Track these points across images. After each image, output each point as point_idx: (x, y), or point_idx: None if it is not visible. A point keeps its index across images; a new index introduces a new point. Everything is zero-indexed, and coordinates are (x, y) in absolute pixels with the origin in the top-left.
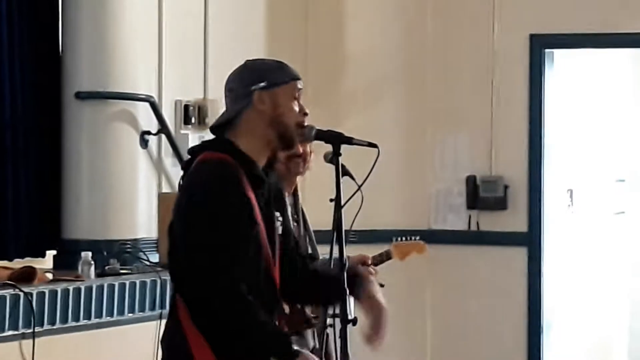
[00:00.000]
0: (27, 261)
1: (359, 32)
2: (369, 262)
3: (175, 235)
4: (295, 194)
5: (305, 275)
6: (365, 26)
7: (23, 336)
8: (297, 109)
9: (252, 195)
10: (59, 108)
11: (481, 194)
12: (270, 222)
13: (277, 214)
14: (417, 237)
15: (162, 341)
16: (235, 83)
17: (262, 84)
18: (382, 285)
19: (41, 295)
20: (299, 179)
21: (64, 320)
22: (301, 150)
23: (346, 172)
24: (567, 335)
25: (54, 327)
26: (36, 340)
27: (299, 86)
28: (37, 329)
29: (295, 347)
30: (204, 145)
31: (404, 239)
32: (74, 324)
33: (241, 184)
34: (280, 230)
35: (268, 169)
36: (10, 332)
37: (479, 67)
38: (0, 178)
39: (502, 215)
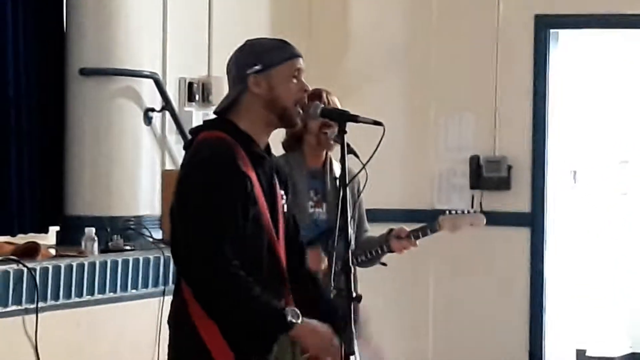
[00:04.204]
0: (30, 237)
1: (363, 9)
2: (404, 235)
3: (174, 213)
4: (324, 167)
5: (298, 270)
6: (370, 3)
7: (26, 311)
8: (295, 87)
9: (252, 174)
10: (62, 84)
11: (484, 174)
12: (274, 200)
13: (282, 192)
14: (475, 210)
15: (168, 320)
16: (233, 66)
17: (257, 67)
18: (384, 265)
19: (44, 270)
20: None
21: (67, 295)
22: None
23: (351, 151)
24: (569, 315)
25: (57, 302)
26: (39, 315)
27: (298, 65)
28: (41, 304)
29: (290, 319)
30: (205, 125)
31: (453, 212)
32: (77, 299)
33: (239, 161)
34: (285, 208)
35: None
36: (14, 307)
37: (483, 46)
38: (4, 154)
39: (505, 196)
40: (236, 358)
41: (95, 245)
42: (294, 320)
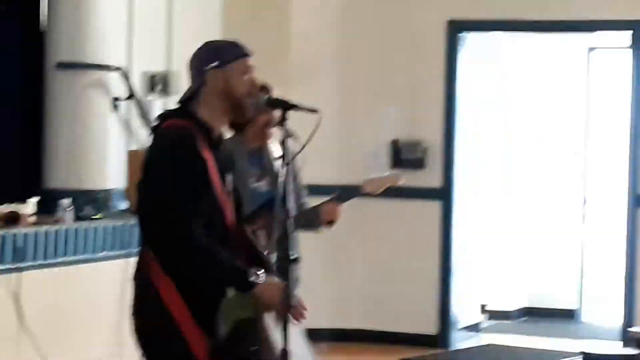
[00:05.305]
0: (12, 207)
1: (301, 19)
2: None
3: (141, 190)
4: (261, 150)
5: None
6: (307, 14)
7: (10, 270)
8: (247, 81)
9: (209, 157)
10: (41, 76)
11: (403, 155)
12: (224, 182)
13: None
14: (392, 171)
15: (133, 278)
16: (194, 62)
17: (215, 63)
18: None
19: (26, 236)
20: None
21: (45, 257)
22: (272, 117)
23: (291, 134)
24: (474, 275)
25: (37, 263)
26: (22, 274)
27: (249, 62)
28: (23, 265)
29: (252, 279)
30: (170, 114)
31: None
32: (54, 260)
33: (199, 146)
34: (230, 189)
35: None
36: None
37: (403, 47)
38: None
39: (420, 174)
40: (192, 313)
41: (70, 214)
42: (254, 280)
